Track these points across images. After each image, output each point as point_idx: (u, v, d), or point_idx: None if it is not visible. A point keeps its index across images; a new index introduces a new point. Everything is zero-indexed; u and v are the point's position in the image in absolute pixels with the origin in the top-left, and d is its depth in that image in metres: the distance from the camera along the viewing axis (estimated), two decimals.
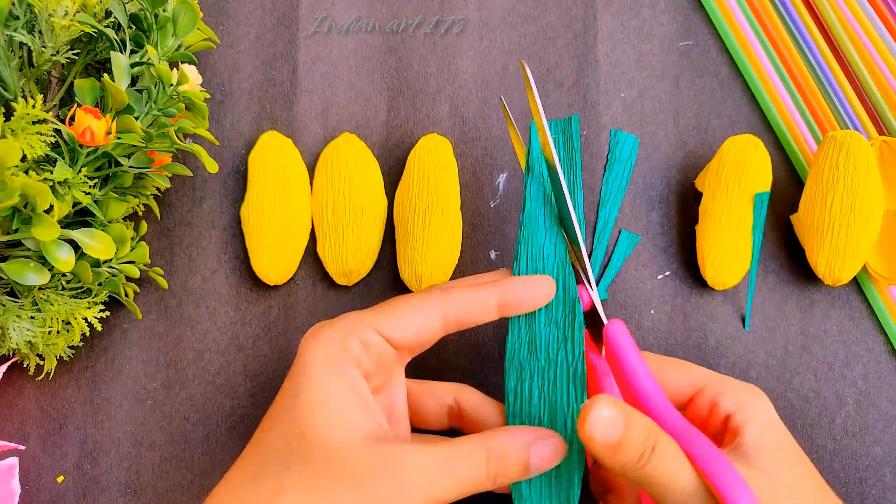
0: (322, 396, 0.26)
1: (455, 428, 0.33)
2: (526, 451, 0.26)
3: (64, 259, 0.30)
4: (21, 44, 0.31)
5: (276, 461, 0.26)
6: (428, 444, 0.26)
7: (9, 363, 0.37)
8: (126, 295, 0.36)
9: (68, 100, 0.34)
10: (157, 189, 0.38)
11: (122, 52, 0.32)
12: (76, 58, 0.33)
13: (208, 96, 0.40)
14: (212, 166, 0.35)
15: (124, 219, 0.36)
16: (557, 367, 0.30)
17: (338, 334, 0.27)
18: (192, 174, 0.38)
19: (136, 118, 0.32)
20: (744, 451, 0.27)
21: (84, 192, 0.31)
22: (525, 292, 0.29)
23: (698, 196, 0.39)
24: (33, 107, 0.28)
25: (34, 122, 0.29)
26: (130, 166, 0.34)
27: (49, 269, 0.31)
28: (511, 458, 0.26)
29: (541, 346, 0.30)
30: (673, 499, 0.25)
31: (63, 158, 0.31)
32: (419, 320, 0.28)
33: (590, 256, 0.39)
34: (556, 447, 0.27)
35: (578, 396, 0.29)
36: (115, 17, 0.33)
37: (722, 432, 0.29)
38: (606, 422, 0.24)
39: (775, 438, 0.28)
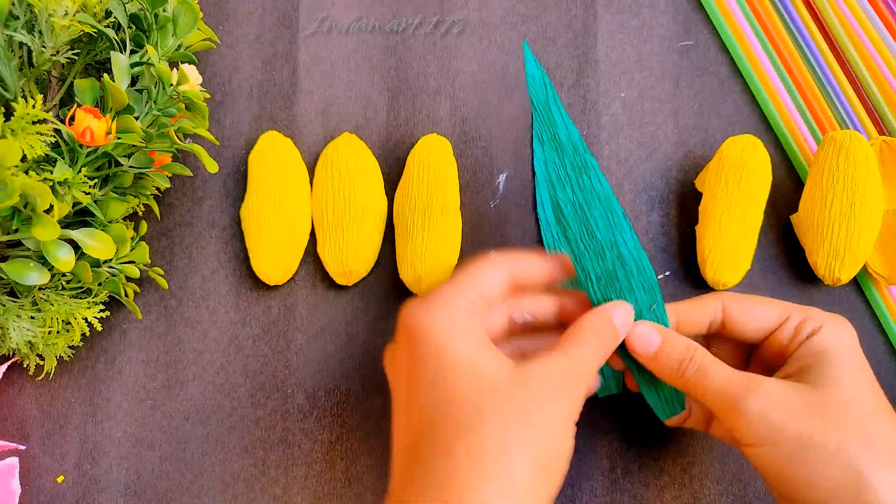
0: (466, 355, 0.27)
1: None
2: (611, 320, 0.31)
3: (64, 259, 0.30)
4: (21, 44, 0.31)
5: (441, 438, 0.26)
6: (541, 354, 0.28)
7: (9, 363, 0.37)
8: (126, 295, 0.36)
9: (68, 100, 0.34)
10: (157, 189, 0.38)
11: (122, 52, 0.32)
12: (76, 58, 0.33)
13: (208, 96, 0.40)
14: (212, 166, 0.35)
15: (124, 219, 0.36)
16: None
17: (448, 301, 0.28)
18: (192, 174, 0.38)
19: (136, 118, 0.32)
20: (817, 372, 0.29)
21: (84, 192, 0.31)
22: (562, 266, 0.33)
23: (698, 196, 0.39)
24: (33, 107, 0.28)
25: (34, 122, 0.29)
26: (130, 166, 0.34)
27: (49, 269, 0.31)
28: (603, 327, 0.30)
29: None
30: (709, 399, 0.30)
31: (63, 158, 0.31)
32: (496, 276, 0.30)
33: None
34: (629, 310, 0.32)
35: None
36: (115, 17, 0.33)
37: (802, 356, 0.30)
38: (641, 335, 0.31)
39: (851, 365, 0.29)
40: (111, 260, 0.34)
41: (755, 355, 0.34)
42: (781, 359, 0.31)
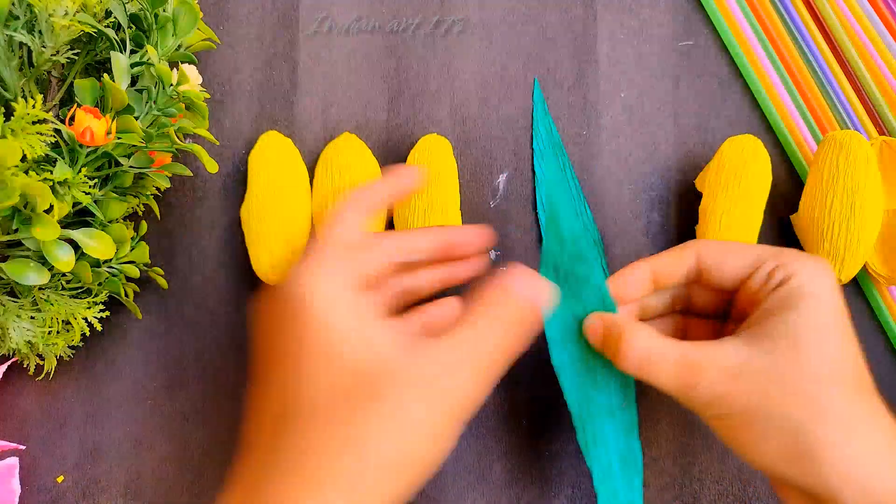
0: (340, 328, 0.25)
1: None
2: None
3: (64, 259, 0.30)
4: (21, 44, 0.31)
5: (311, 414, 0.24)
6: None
7: (9, 363, 0.37)
8: (126, 295, 0.36)
9: (68, 100, 0.34)
10: (157, 189, 0.38)
11: (122, 52, 0.32)
12: (76, 58, 0.33)
13: (208, 96, 0.40)
14: (212, 166, 0.35)
15: (124, 219, 0.36)
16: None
17: (334, 266, 0.27)
18: (192, 174, 0.38)
19: (136, 118, 0.32)
20: (777, 327, 0.27)
21: (84, 192, 0.31)
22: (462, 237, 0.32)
23: (698, 196, 0.39)
24: (33, 107, 0.28)
25: (34, 122, 0.29)
26: (130, 166, 0.34)
27: (49, 269, 0.31)
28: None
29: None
30: (660, 385, 0.29)
31: (63, 158, 0.31)
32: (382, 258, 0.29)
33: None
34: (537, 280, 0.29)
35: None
36: (115, 17, 0.33)
37: (768, 307, 0.29)
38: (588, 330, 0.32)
39: (816, 320, 0.27)
40: (111, 260, 0.34)
41: (733, 302, 0.32)
42: (753, 307, 0.30)
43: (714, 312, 0.33)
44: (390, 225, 0.39)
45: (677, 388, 0.28)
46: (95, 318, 0.35)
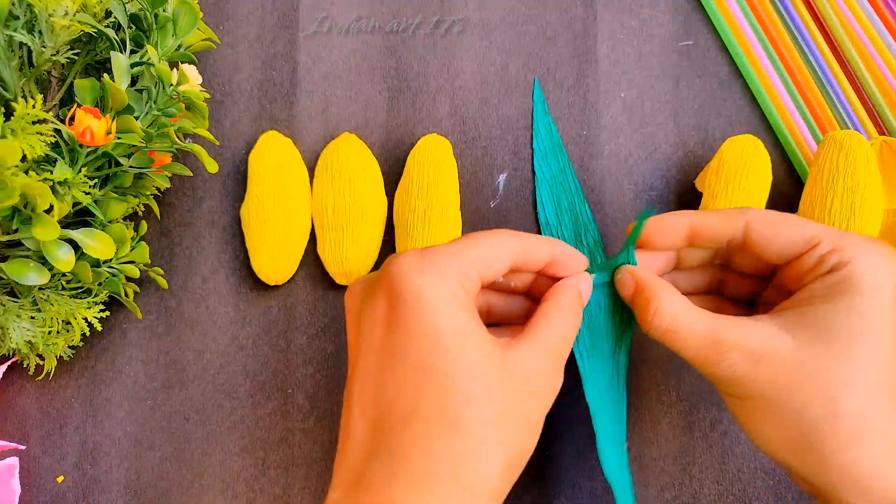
0: (459, 332, 0.25)
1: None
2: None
3: (64, 259, 0.30)
4: (21, 44, 0.31)
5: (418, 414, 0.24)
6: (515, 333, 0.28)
7: (9, 363, 0.37)
8: (126, 295, 0.36)
9: (68, 100, 0.34)
10: (157, 189, 0.38)
11: (122, 52, 0.32)
12: (76, 58, 0.33)
13: (208, 96, 0.40)
14: (212, 166, 0.35)
15: (124, 219, 0.36)
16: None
17: (447, 270, 0.26)
18: (192, 174, 0.38)
19: (136, 118, 0.32)
20: (816, 317, 0.26)
21: (84, 192, 0.31)
22: (569, 259, 0.31)
23: (698, 196, 0.39)
24: (33, 107, 0.28)
25: (34, 122, 0.29)
26: (130, 166, 0.34)
27: (49, 269, 0.31)
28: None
29: None
30: (684, 355, 0.29)
31: (63, 158, 0.31)
32: (498, 260, 0.28)
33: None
34: (590, 281, 0.31)
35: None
36: (115, 17, 0.33)
37: (812, 291, 0.27)
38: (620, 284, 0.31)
39: (860, 318, 0.26)
40: (111, 260, 0.34)
41: (774, 280, 0.31)
42: (798, 286, 0.28)
43: (747, 297, 0.32)
44: (390, 225, 0.39)
45: (699, 362, 0.28)
46: (95, 318, 0.35)
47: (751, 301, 0.33)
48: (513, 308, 0.32)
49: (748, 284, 0.32)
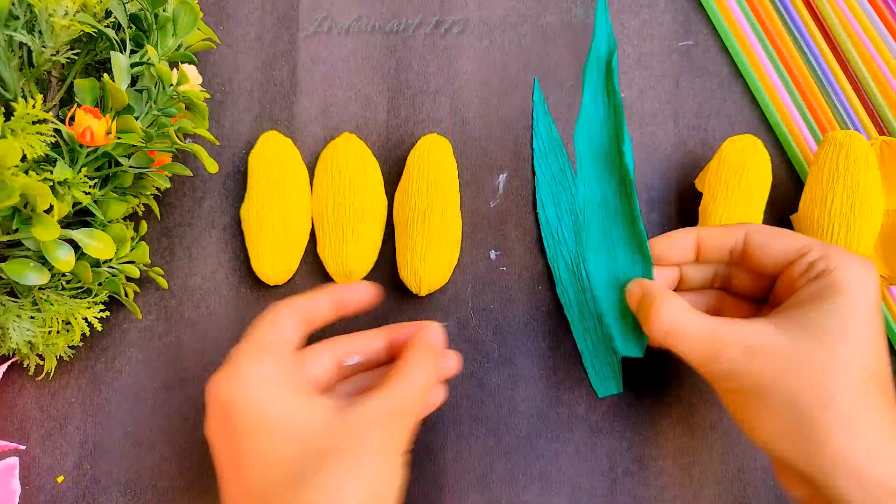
0: (271, 419, 0.26)
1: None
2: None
3: (64, 259, 0.30)
4: (21, 44, 0.31)
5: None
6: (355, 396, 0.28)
7: (9, 363, 0.37)
8: (126, 295, 0.36)
9: (68, 100, 0.34)
10: (157, 189, 0.38)
11: (122, 52, 0.32)
12: (76, 58, 0.33)
13: (208, 96, 0.40)
14: (212, 166, 0.35)
15: (124, 219, 0.36)
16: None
17: (253, 366, 0.28)
18: (192, 174, 0.38)
19: (136, 118, 0.32)
20: (807, 317, 0.28)
21: (84, 192, 0.31)
22: (351, 294, 0.32)
23: (698, 196, 0.39)
24: (33, 107, 0.28)
25: (34, 122, 0.29)
26: (130, 166, 0.34)
27: (49, 269, 0.31)
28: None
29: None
30: (681, 353, 0.30)
31: (63, 158, 0.31)
32: (288, 325, 0.30)
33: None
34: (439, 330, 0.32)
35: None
36: (115, 17, 0.33)
37: (803, 295, 0.29)
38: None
39: (846, 317, 0.28)
40: (111, 260, 0.34)
41: (773, 289, 0.33)
42: (789, 294, 0.31)
43: (752, 295, 0.34)
44: (390, 225, 0.39)
45: (698, 360, 0.29)
46: (95, 318, 0.35)
47: None
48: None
49: (746, 308, 0.34)
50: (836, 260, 0.29)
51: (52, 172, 0.30)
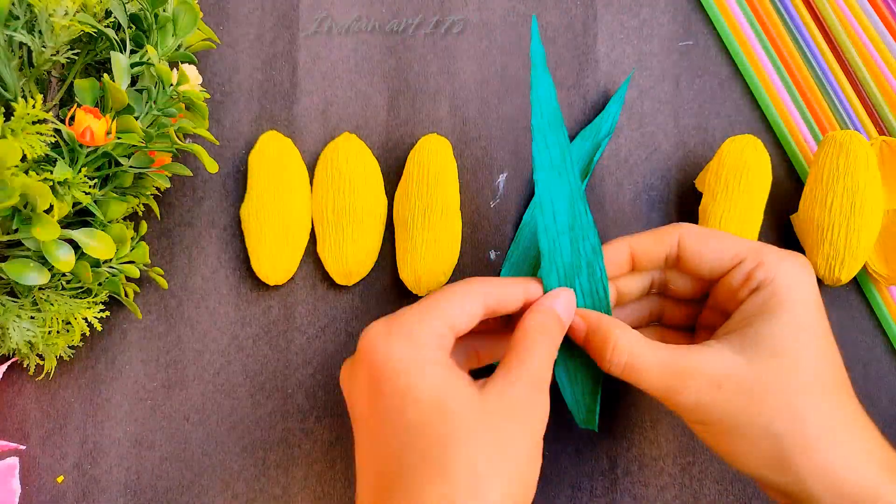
0: (439, 392, 0.26)
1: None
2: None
3: (64, 259, 0.30)
4: (21, 44, 0.31)
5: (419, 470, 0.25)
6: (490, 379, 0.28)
7: (9, 363, 0.37)
8: (126, 295, 0.36)
9: (68, 100, 0.34)
10: (157, 189, 0.38)
11: (122, 52, 0.32)
12: (76, 58, 0.33)
13: (208, 96, 0.40)
14: (212, 166, 0.35)
15: (124, 219, 0.36)
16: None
17: (414, 333, 0.27)
18: (192, 174, 0.38)
19: (136, 118, 0.32)
20: (759, 334, 0.28)
21: (84, 192, 0.31)
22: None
23: (698, 196, 0.39)
24: (33, 107, 0.28)
25: (34, 122, 0.29)
26: (130, 166, 0.34)
27: (49, 269, 0.31)
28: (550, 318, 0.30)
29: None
30: (644, 388, 0.29)
31: (63, 158, 0.31)
32: (470, 308, 0.29)
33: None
34: (571, 296, 0.31)
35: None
36: (115, 17, 0.33)
37: (748, 310, 0.29)
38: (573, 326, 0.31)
39: (797, 328, 0.28)
40: (111, 260, 0.34)
41: (711, 293, 0.32)
42: (732, 304, 0.30)
43: (691, 296, 0.33)
44: (390, 225, 0.39)
45: (662, 393, 0.29)
46: (95, 318, 0.35)
47: (690, 327, 0.34)
48: (499, 349, 0.32)
49: (685, 309, 0.34)
50: (773, 268, 0.29)
51: (52, 172, 0.30)
